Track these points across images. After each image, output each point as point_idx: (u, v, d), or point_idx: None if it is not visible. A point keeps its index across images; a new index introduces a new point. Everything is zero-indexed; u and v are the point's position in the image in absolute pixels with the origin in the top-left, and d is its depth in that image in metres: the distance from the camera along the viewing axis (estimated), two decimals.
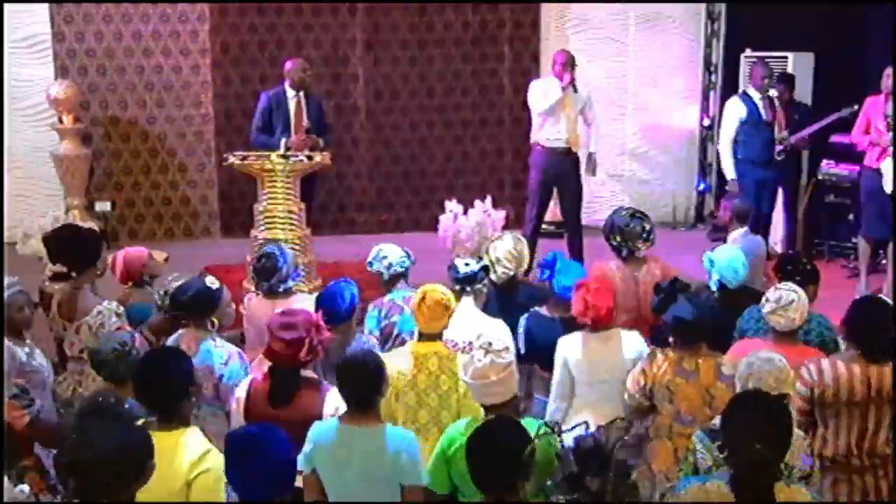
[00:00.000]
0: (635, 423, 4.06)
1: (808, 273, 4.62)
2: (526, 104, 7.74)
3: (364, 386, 3.34)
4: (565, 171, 7.51)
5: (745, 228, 5.92)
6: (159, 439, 3.15)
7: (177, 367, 3.27)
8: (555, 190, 7.70)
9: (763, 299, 4.17)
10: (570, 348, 4.24)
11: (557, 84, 7.37)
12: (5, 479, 3.08)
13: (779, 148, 7.55)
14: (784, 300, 4.07)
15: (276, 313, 3.85)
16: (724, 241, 5.74)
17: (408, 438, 3.36)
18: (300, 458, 3.35)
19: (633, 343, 4.25)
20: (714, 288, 4.88)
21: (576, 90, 7.40)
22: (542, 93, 7.47)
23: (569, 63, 7.37)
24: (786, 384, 3.43)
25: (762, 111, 7.49)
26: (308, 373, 3.72)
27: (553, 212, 8.13)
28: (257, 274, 4.77)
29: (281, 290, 4.73)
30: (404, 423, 3.87)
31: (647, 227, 5.05)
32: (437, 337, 4.00)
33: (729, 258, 4.85)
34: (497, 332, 4.35)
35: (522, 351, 4.46)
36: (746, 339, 4.29)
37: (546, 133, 7.47)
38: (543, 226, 8.55)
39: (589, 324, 4.20)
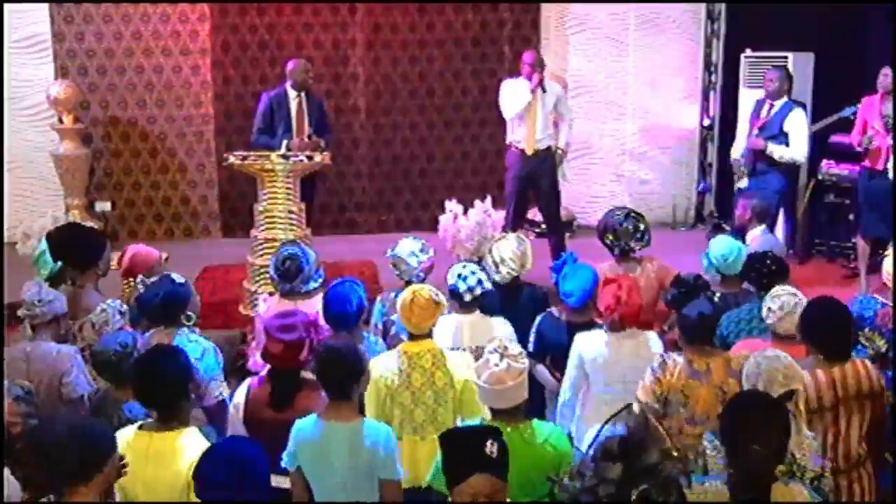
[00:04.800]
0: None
1: (774, 272, 4.63)
2: None
3: (341, 376, 3.34)
4: (539, 172, 7.49)
5: (764, 227, 5.92)
6: (159, 440, 3.17)
7: (174, 366, 3.27)
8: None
9: (765, 309, 4.16)
10: (589, 347, 4.21)
11: (527, 86, 7.35)
12: (7, 473, 3.07)
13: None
14: (787, 306, 4.07)
15: (272, 315, 3.83)
16: (743, 240, 5.74)
17: (384, 432, 3.37)
18: (284, 455, 3.37)
19: (657, 344, 4.23)
20: (705, 271, 4.91)
21: (544, 90, 7.36)
22: (511, 95, 7.45)
23: (537, 64, 7.35)
24: (794, 381, 3.42)
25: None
26: (306, 374, 3.70)
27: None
28: (281, 276, 4.70)
29: (303, 290, 4.69)
30: (401, 423, 3.87)
31: (641, 226, 5.05)
32: (427, 336, 4.00)
33: (721, 244, 4.92)
34: (507, 329, 4.37)
35: (533, 350, 4.46)
36: (748, 339, 4.29)
37: (519, 135, 7.46)
38: (542, 226, 8.57)
39: (616, 320, 4.15)
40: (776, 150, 7.17)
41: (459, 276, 4.47)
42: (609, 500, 2.35)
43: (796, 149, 7.18)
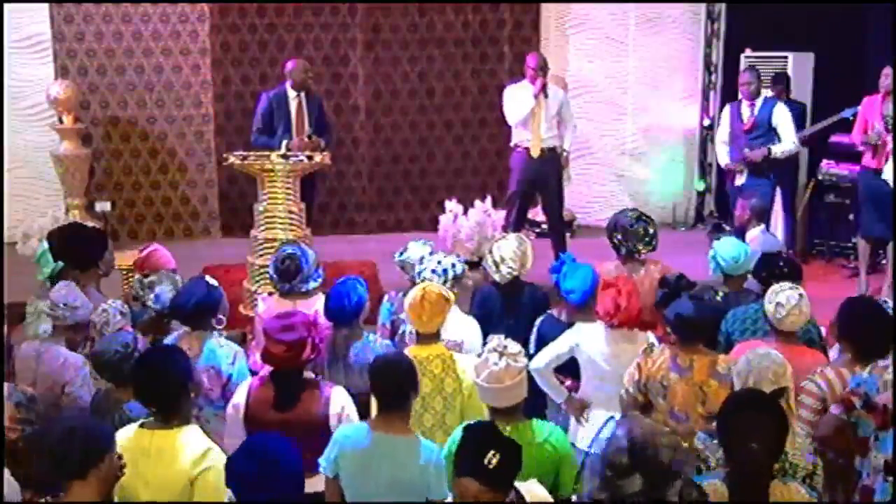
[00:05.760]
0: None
1: (786, 274, 4.62)
2: None
3: (399, 386, 3.33)
4: (545, 173, 7.49)
5: (763, 227, 5.92)
6: (159, 438, 3.18)
7: (175, 365, 3.27)
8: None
9: (772, 307, 4.16)
10: (587, 339, 4.21)
11: (530, 90, 7.34)
12: (7, 474, 3.07)
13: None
14: (792, 300, 4.09)
15: (272, 317, 3.82)
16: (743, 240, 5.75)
17: (436, 451, 3.33)
18: (322, 461, 3.35)
19: (653, 341, 4.24)
20: (711, 273, 4.93)
21: (546, 95, 7.35)
22: (515, 101, 7.44)
23: (540, 68, 7.34)
24: (784, 378, 3.45)
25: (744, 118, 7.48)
26: (308, 374, 3.70)
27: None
28: (280, 275, 4.69)
29: (302, 290, 4.69)
30: None
31: (651, 230, 5.06)
32: (435, 337, 3.99)
33: (729, 247, 4.93)
34: (471, 330, 4.37)
35: (533, 352, 4.46)
36: (751, 341, 4.29)
37: (523, 137, 7.46)
38: (543, 226, 8.57)
39: (615, 325, 4.16)
40: (776, 150, 7.22)
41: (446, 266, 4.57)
42: None
43: (789, 140, 7.26)
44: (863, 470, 3.55)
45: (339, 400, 3.59)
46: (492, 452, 2.66)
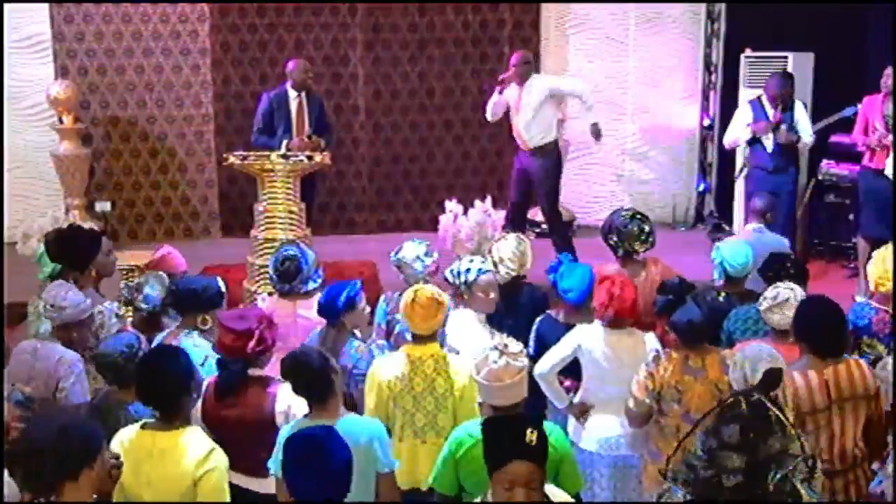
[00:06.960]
0: (635, 430, 4.07)
1: (792, 275, 4.61)
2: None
3: (310, 385, 3.36)
4: (535, 170, 7.48)
5: (760, 225, 5.92)
6: (162, 439, 3.18)
7: (176, 365, 3.29)
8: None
9: (764, 303, 4.18)
10: (588, 338, 4.22)
11: (515, 89, 7.37)
12: (6, 474, 3.07)
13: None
14: (780, 298, 4.11)
15: (230, 311, 3.94)
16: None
17: (378, 427, 3.40)
18: (271, 463, 3.37)
19: (652, 342, 4.25)
20: (716, 276, 4.94)
21: (521, 83, 7.28)
22: (491, 101, 7.53)
23: (518, 63, 7.32)
24: (778, 361, 3.46)
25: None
26: (259, 371, 3.72)
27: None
28: (279, 276, 4.71)
29: (302, 291, 4.70)
30: (402, 426, 3.89)
31: (647, 228, 5.04)
32: (431, 338, 4.00)
33: (735, 253, 4.93)
34: (477, 344, 4.35)
35: (532, 352, 4.46)
36: (751, 341, 4.29)
37: (515, 131, 7.51)
38: (543, 226, 8.57)
39: (611, 316, 4.17)
40: (805, 139, 7.36)
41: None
42: (736, 490, 2.31)
43: (807, 133, 7.39)
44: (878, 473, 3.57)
45: (285, 398, 3.58)
46: (529, 430, 2.70)
